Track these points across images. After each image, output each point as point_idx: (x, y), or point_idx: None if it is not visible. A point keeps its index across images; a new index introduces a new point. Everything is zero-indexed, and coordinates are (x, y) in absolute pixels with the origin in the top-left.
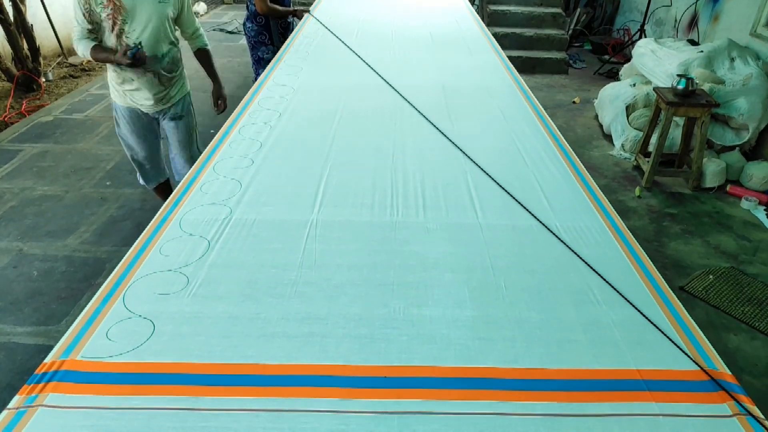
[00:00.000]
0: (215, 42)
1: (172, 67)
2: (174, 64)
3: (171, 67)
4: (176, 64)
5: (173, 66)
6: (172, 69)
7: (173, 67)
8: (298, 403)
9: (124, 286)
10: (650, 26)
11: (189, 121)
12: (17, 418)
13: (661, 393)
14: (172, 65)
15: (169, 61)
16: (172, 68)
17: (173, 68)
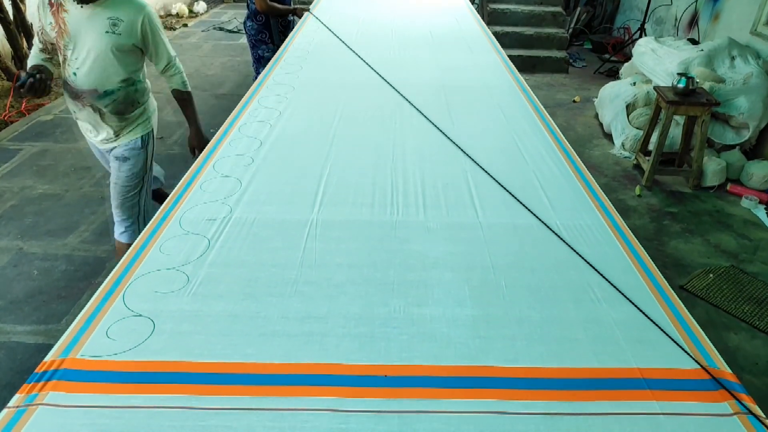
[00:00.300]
0: (215, 41)
1: (122, 108)
2: (127, 106)
3: (121, 108)
4: (131, 105)
5: (125, 107)
6: (123, 111)
7: (125, 108)
8: (298, 402)
9: (124, 284)
10: (650, 25)
11: (136, 167)
12: (17, 416)
13: (661, 392)
14: (122, 106)
15: (119, 101)
16: (122, 109)
17: (125, 110)
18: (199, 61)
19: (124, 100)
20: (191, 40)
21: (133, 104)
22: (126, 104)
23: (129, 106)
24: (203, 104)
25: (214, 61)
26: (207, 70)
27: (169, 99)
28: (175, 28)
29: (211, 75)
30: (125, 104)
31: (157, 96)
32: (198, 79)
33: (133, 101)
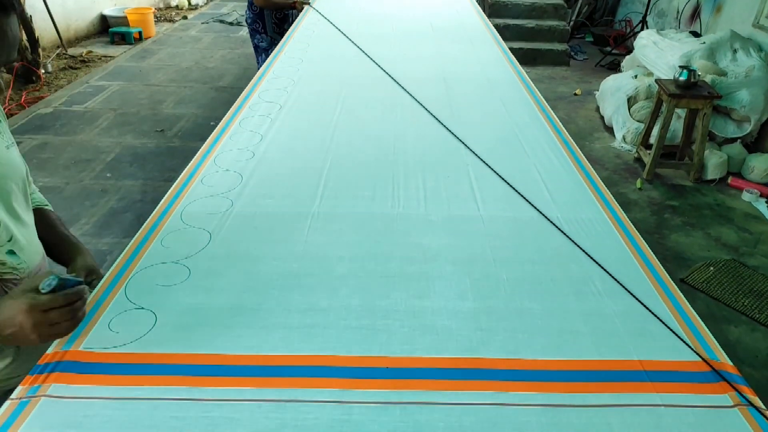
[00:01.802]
0: (215, 33)
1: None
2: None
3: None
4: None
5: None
6: None
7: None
8: (300, 394)
9: (125, 277)
10: (652, 17)
11: None
12: (20, 408)
13: (662, 383)
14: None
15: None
16: None
17: None
18: (199, 53)
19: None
20: (191, 32)
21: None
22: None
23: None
24: (203, 97)
25: (214, 54)
26: (207, 62)
27: (170, 90)
28: (174, 20)
29: (211, 68)
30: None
31: (156, 88)
32: (198, 71)
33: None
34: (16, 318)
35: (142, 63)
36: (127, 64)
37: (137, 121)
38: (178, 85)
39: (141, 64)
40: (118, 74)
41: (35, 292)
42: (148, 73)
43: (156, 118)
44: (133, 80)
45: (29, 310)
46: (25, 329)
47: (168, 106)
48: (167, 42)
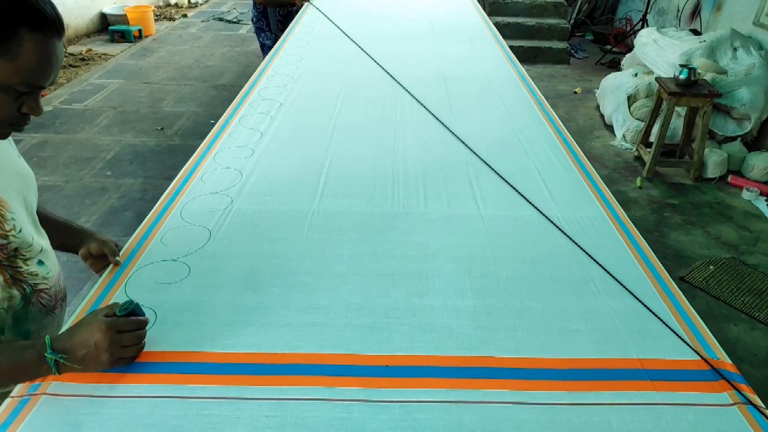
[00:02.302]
0: (215, 31)
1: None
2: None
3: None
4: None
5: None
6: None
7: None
8: (300, 392)
9: (125, 275)
10: (652, 16)
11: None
12: (21, 406)
13: (662, 382)
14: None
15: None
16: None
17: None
18: (198, 51)
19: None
20: (191, 30)
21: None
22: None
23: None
24: (203, 95)
25: (214, 52)
26: (207, 60)
27: (170, 88)
28: (174, 18)
29: (211, 66)
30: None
31: (156, 86)
32: (198, 70)
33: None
34: (93, 337)
35: (141, 61)
36: (127, 62)
37: (137, 119)
38: (178, 83)
39: (141, 62)
40: (117, 72)
41: (111, 316)
42: (148, 71)
43: (156, 116)
44: (132, 78)
45: (107, 329)
46: (99, 349)
47: (168, 104)
48: (167, 40)
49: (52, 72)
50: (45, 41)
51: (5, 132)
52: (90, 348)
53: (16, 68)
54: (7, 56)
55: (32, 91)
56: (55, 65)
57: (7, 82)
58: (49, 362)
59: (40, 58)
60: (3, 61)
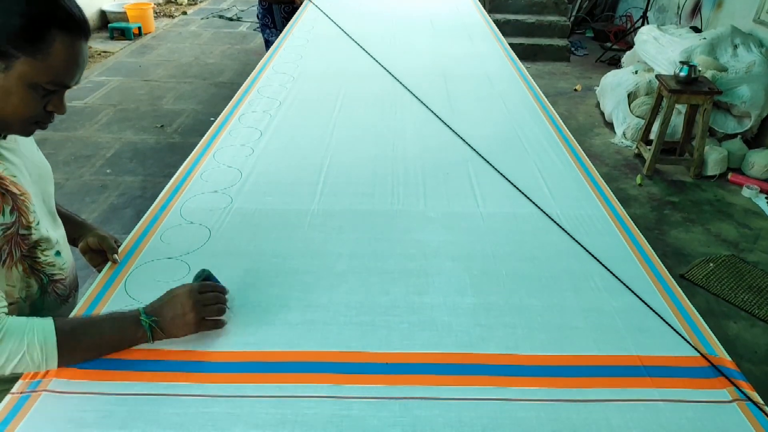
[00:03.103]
0: (215, 29)
1: None
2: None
3: None
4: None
5: None
6: None
7: None
8: (300, 389)
9: (125, 273)
10: (653, 13)
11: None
12: (21, 402)
13: (661, 379)
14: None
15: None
16: None
17: None
18: (198, 49)
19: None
20: (191, 28)
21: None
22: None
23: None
24: (203, 93)
25: (213, 50)
26: (207, 58)
27: (170, 86)
28: (174, 15)
29: (211, 63)
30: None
31: (156, 84)
32: (197, 67)
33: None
34: (178, 299)
35: (141, 59)
36: (127, 59)
37: (137, 117)
38: (178, 80)
39: (140, 59)
40: (117, 70)
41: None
42: (148, 69)
43: (156, 113)
44: (132, 76)
45: (189, 291)
46: (186, 308)
47: (168, 101)
48: (167, 37)
49: (78, 72)
50: (73, 42)
51: (30, 129)
52: (177, 310)
53: (45, 67)
54: (39, 56)
55: (58, 90)
56: (81, 65)
57: (36, 81)
58: (144, 326)
59: (69, 58)
60: (34, 60)
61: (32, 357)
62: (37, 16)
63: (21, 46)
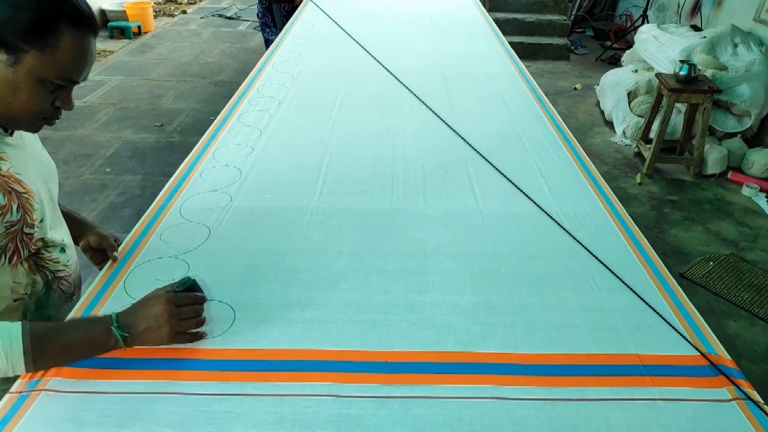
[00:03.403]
0: (214, 28)
1: None
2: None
3: None
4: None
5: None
6: None
7: None
8: (299, 388)
9: (124, 272)
10: (653, 12)
11: None
12: (20, 402)
13: (660, 378)
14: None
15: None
16: None
17: None
18: (198, 48)
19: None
20: (190, 26)
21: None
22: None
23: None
24: (203, 92)
25: (213, 48)
26: (206, 57)
27: (169, 85)
28: (173, 14)
29: (210, 62)
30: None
31: (155, 83)
32: (197, 66)
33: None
34: (153, 310)
35: (141, 57)
36: (126, 58)
37: (136, 116)
38: (178, 79)
39: (140, 58)
40: (117, 69)
41: (171, 292)
42: (148, 68)
43: (155, 112)
44: (132, 75)
45: (167, 302)
46: (159, 321)
47: (167, 100)
48: (166, 36)
49: (86, 67)
50: (82, 37)
51: (38, 125)
52: (151, 321)
53: (54, 62)
54: (48, 50)
55: (66, 86)
56: (90, 61)
57: (45, 76)
58: (116, 336)
59: (77, 53)
60: (43, 54)
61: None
62: (46, 11)
63: (30, 41)
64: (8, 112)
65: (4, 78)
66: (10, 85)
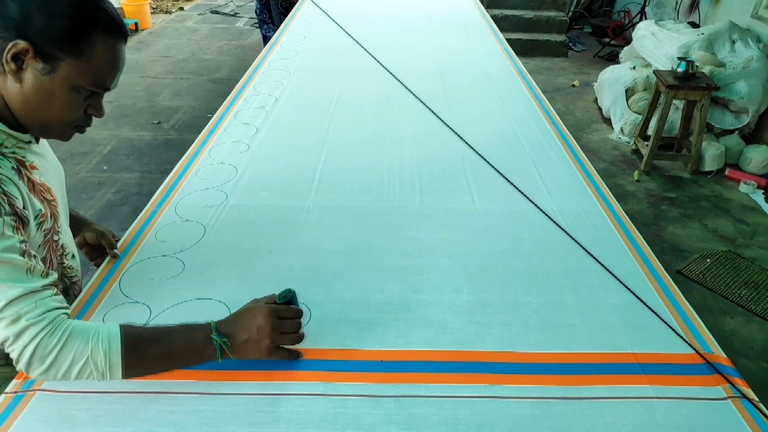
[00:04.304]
0: (211, 25)
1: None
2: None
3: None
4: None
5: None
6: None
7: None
8: (295, 387)
9: (120, 271)
10: (651, 8)
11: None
12: (15, 401)
13: (656, 376)
14: None
15: None
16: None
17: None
18: (195, 45)
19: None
20: (187, 23)
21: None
22: None
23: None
24: (200, 89)
25: (210, 45)
26: (203, 54)
27: (167, 82)
28: (170, 11)
29: (207, 59)
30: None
31: (153, 80)
32: (194, 63)
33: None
34: (255, 321)
35: (138, 55)
36: None
37: (133, 114)
38: (175, 76)
39: (137, 55)
40: None
41: (271, 303)
42: (145, 65)
43: (152, 110)
44: (129, 72)
45: (269, 314)
46: (261, 333)
47: (164, 98)
48: (163, 33)
49: (118, 74)
50: (115, 44)
51: (70, 133)
52: (252, 333)
53: (89, 69)
54: (83, 57)
55: (98, 93)
56: (121, 67)
57: (80, 83)
58: (214, 345)
59: (110, 60)
60: (78, 62)
61: (96, 363)
62: (81, 19)
63: (66, 49)
64: (42, 120)
65: (40, 86)
66: (46, 94)
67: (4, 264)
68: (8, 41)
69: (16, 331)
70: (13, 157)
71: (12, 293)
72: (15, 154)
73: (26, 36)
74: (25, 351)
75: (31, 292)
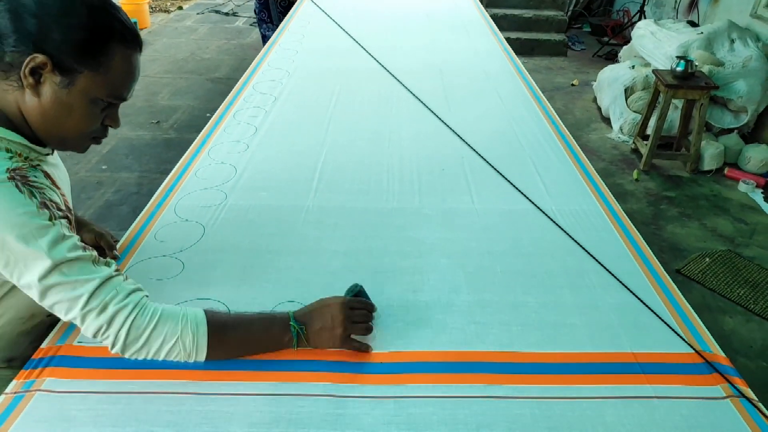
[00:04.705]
0: (211, 24)
1: None
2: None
3: None
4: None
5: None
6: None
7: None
8: (295, 388)
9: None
10: (650, 7)
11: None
12: (15, 402)
13: (655, 375)
14: None
15: None
16: None
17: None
18: (194, 44)
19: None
20: (186, 23)
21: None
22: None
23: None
24: (199, 89)
25: (209, 45)
26: (202, 53)
27: (166, 81)
28: (169, 11)
29: (206, 59)
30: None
31: (152, 79)
32: (193, 63)
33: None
34: (330, 310)
35: None
36: None
37: (133, 113)
38: (174, 76)
39: None
40: None
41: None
42: (143, 65)
43: (151, 109)
44: None
45: (342, 304)
46: (335, 322)
47: (163, 97)
48: (162, 33)
49: (134, 84)
50: (131, 54)
51: (86, 145)
52: (327, 322)
53: (106, 81)
54: (101, 69)
55: (115, 104)
56: (137, 77)
57: (98, 95)
58: (292, 332)
59: (127, 71)
60: (96, 74)
61: (185, 343)
62: (97, 30)
63: (84, 61)
64: (61, 133)
65: (59, 100)
66: (65, 107)
67: (74, 262)
68: (26, 55)
69: (107, 318)
70: (40, 169)
71: (91, 286)
72: (40, 166)
73: (44, 49)
74: (120, 334)
75: (106, 279)
